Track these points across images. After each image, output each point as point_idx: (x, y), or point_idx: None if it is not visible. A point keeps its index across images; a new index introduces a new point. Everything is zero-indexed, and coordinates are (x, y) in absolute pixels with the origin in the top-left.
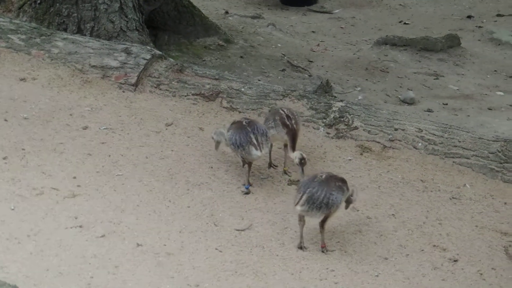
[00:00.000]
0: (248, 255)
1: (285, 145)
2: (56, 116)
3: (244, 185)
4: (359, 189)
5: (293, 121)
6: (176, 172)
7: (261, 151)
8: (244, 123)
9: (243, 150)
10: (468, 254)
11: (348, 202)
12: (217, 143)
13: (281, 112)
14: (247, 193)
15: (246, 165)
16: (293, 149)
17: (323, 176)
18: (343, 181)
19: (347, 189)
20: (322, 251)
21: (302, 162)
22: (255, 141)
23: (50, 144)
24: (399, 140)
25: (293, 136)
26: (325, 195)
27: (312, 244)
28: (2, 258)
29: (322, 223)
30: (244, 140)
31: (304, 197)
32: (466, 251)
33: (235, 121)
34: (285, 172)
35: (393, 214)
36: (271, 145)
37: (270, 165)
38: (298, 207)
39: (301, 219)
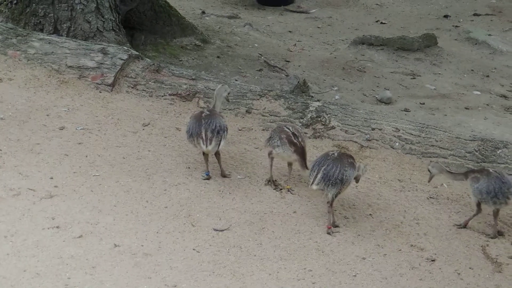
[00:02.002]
0: (226, 256)
1: (289, 164)
2: (33, 116)
3: (205, 171)
4: (363, 166)
5: (299, 139)
6: (153, 172)
7: (207, 146)
8: (203, 114)
9: (193, 141)
10: (445, 253)
11: (356, 178)
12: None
13: (287, 130)
14: (207, 179)
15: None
16: (305, 166)
17: (335, 154)
18: (352, 157)
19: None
20: (328, 233)
21: None
22: (203, 135)
23: (26, 144)
24: (376, 139)
25: (302, 153)
26: (340, 171)
27: (290, 244)
28: None
29: (331, 201)
30: (195, 132)
31: (319, 176)
32: (443, 251)
33: (198, 109)
34: (288, 191)
35: (370, 214)
36: (272, 160)
37: (269, 181)
38: (314, 186)
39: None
